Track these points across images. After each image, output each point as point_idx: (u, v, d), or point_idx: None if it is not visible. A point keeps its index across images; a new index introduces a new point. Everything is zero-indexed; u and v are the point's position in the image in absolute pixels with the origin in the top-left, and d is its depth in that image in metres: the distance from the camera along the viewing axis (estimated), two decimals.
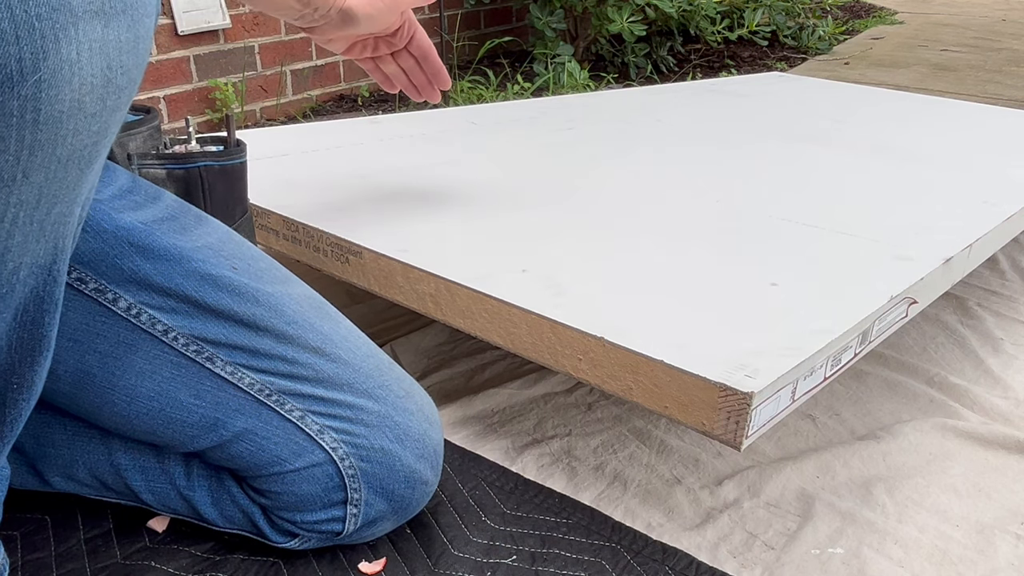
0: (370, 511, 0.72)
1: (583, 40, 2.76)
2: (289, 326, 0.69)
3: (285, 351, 0.68)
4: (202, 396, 0.67)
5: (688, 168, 1.21)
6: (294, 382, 0.68)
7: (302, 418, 0.69)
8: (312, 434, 0.69)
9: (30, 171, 0.41)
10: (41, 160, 0.41)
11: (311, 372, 0.69)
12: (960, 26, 3.84)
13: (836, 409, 1.00)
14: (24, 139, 0.39)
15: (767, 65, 2.99)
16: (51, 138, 0.40)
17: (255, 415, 0.68)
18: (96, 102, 0.41)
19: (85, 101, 0.40)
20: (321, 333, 0.70)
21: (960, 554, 0.77)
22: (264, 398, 0.68)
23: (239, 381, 0.67)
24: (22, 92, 0.37)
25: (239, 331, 0.67)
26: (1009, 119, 1.63)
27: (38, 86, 0.38)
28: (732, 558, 0.76)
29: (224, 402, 0.68)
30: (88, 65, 0.39)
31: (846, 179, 1.18)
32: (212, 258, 0.67)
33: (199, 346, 0.66)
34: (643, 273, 0.84)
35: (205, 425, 0.68)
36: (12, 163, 0.40)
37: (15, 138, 0.39)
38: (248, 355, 0.67)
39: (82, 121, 0.41)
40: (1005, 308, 1.25)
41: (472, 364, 1.08)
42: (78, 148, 0.42)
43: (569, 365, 0.74)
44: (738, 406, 0.63)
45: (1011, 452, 0.91)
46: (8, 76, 0.37)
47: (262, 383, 0.68)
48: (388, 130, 1.36)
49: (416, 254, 0.86)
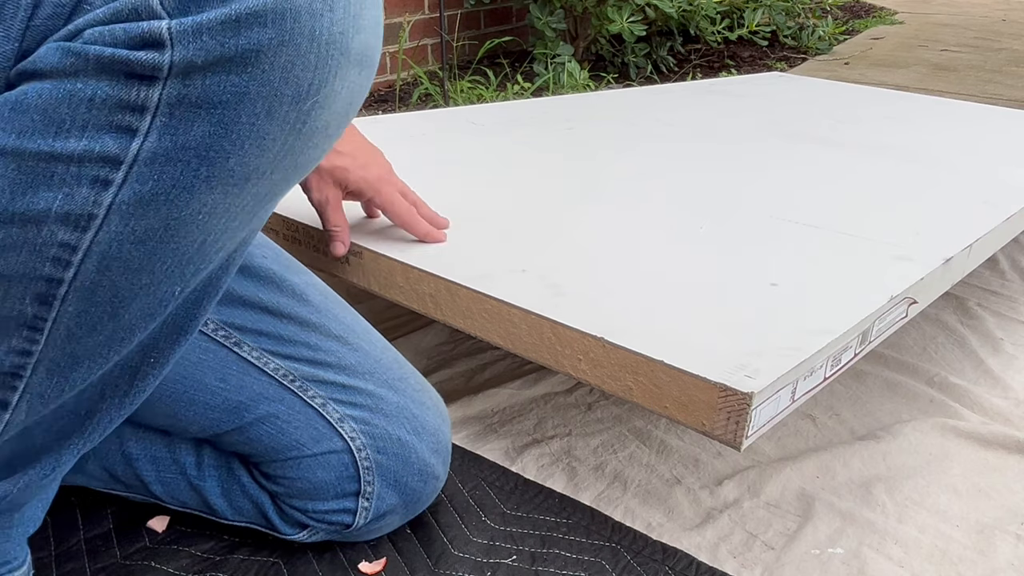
0: (382, 505, 0.73)
1: (583, 40, 2.76)
2: (313, 314, 0.72)
3: (309, 338, 0.71)
4: (227, 380, 0.69)
5: (688, 168, 1.21)
6: (317, 368, 0.71)
7: (324, 405, 0.71)
8: (333, 422, 0.71)
9: (276, 169, 0.48)
10: (287, 163, 0.49)
11: (334, 359, 0.71)
12: (960, 26, 3.84)
13: (836, 409, 1.00)
14: (287, 143, 0.47)
15: (767, 65, 2.99)
16: (302, 147, 0.48)
17: (278, 400, 0.70)
18: (335, 127, 0.50)
19: (331, 124, 0.49)
20: (344, 323, 0.73)
21: (960, 554, 0.77)
22: (288, 383, 0.70)
23: (264, 366, 0.70)
24: (303, 108, 0.46)
25: (266, 318, 0.70)
26: (1009, 119, 1.63)
27: (313, 106, 0.46)
28: (732, 558, 0.76)
29: (249, 386, 0.69)
30: (343, 99, 0.48)
31: (846, 179, 1.18)
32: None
33: (227, 331, 0.69)
34: (643, 273, 0.84)
35: (228, 408, 0.70)
36: (271, 160, 0.47)
37: (282, 141, 0.47)
38: (274, 341, 0.70)
39: (323, 140, 0.49)
40: (1005, 308, 1.25)
41: (472, 364, 1.08)
42: (312, 160, 0.51)
43: (569, 365, 0.74)
44: (738, 406, 0.63)
45: (1011, 452, 0.91)
46: (299, 94, 0.45)
47: (287, 368, 0.70)
48: (388, 130, 1.36)
49: (416, 254, 0.86)
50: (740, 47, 3.19)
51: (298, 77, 0.45)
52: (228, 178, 0.47)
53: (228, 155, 0.46)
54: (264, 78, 0.44)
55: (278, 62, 0.44)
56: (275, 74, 0.44)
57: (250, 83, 0.44)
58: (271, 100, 0.45)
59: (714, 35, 3.01)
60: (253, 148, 0.46)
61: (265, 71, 0.44)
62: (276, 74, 0.44)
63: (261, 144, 0.46)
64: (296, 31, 0.44)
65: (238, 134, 0.45)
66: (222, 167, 0.46)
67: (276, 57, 0.44)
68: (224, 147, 0.45)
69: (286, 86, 0.45)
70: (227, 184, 0.47)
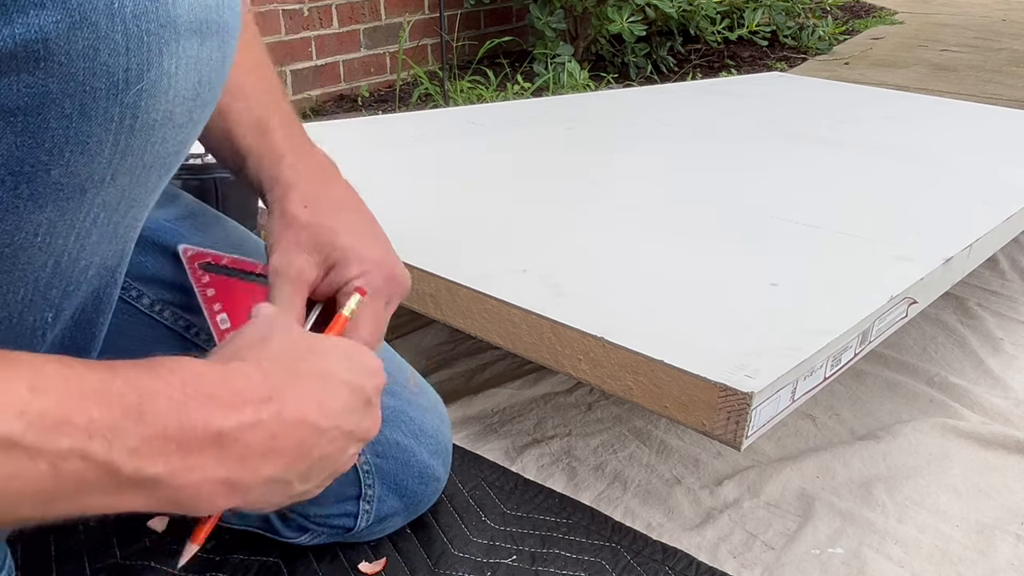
0: (383, 507, 0.72)
1: (583, 40, 2.76)
2: None
3: None
4: None
5: (688, 168, 1.21)
6: None
7: None
8: None
9: (118, 174, 0.42)
10: (130, 165, 0.42)
11: None
12: (960, 26, 3.84)
13: (836, 409, 1.00)
14: (119, 143, 0.41)
15: (767, 65, 2.99)
16: (142, 144, 0.42)
17: None
18: (184, 114, 0.43)
19: (176, 112, 0.42)
20: None
21: (960, 554, 0.77)
22: None
23: None
24: (125, 100, 0.39)
25: None
26: (1009, 119, 1.63)
27: (139, 95, 0.40)
28: (732, 558, 0.76)
29: None
30: (183, 79, 0.41)
31: (846, 179, 1.18)
32: (233, 255, 0.68)
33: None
34: (643, 273, 0.84)
35: None
36: (104, 165, 0.41)
37: (111, 142, 0.40)
38: None
39: (170, 131, 0.43)
40: (1005, 308, 1.25)
41: (472, 364, 1.08)
42: (162, 156, 0.44)
43: (569, 365, 0.74)
44: (738, 406, 0.63)
45: (1011, 452, 0.91)
46: (114, 84, 0.39)
47: None
48: (388, 130, 1.36)
49: (416, 254, 0.86)
50: (740, 47, 3.19)
51: (107, 64, 0.38)
52: (57, 193, 0.41)
53: (47, 167, 0.40)
54: (63, 72, 0.37)
55: (75, 50, 0.37)
56: (76, 65, 0.38)
57: (48, 80, 0.37)
58: (81, 97, 0.38)
59: (714, 35, 3.01)
60: (76, 155, 0.40)
61: (62, 63, 0.37)
62: (77, 65, 0.38)
63: (84, 149, 0.40)
64: (87, 7, 0.37)
65: (52, 141, 0.39)
66: (44, 181, 0.40)
67: (70, 44, 0.37)
68: (39, 159, 0.39)
69: (95, 77, 0.38)
70: (59, 199, 0.41)
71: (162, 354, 0.63)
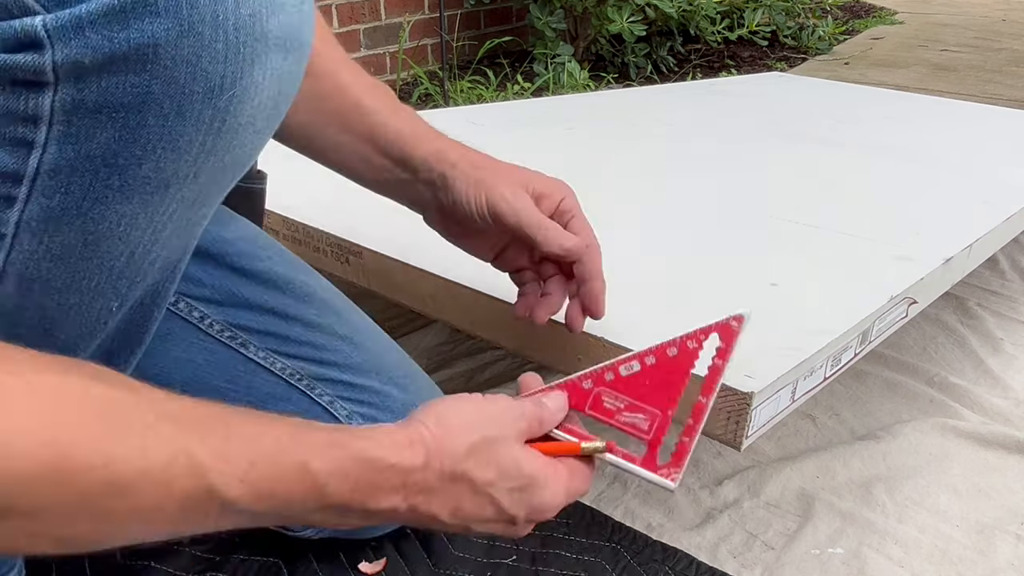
0: None
1: (583, 40, 2.76)
2: (319, 314, 0.71)
3: (315, 337, 0.70)
4: (235, 381, 0.69)
5: (688, 168, 1.21)
6: (324, 367, 0.70)
7: (332, 403, 0.71)
8: (341, 419, 0.71)
9: (200, 172, 0.45)
10: (211, 165, 0.45)
11: (340, 358, 0.71)
12: (960, 26, 3.84)
13: (836, 409, 1.00)
14: (206, 144, 0.43)
15: (767, 65, 2.99)
16: (225, 146, 0.44)
17: (287, 399, 0.70)
18: (264, 120, 0.46)
19: (257, 119, 0.45)
20: (349, 322, 0.73)
21: (960, 554, 0.77)
22: (296, 382, 0.70)
23: (271, 366, 0.69)
24: (218, 104, 0.42)
25: (271, 319, 0.69)
26: (1009, 119, 1.63)
27: (230, 100, 0.42)
28: (732, 558, 0.76)
29: (257, 387, 0.69)
30: (267, 89, 0.44)
31: (846, 179, 1.18)
32: (248, 248, 0.70)
33: (233, 332, 0.68)
34: (643, 273, 0.84)
35: None
36: (190, 163, 0.44)
37: (199, 142, 0.43)
38: (280, 341, 0.70)
39: (250, 136, 0.46)
40: (1005, 308, 1.25)
41: (472, 364, 1.08)
42: (239, 159, 0.47)
43: (569, 365, 0.74)
44: (738, 406, 0.63)
45: (1011, 452, 0.91)
46: (211, 89, 0.41)
47: (294, 368, 0.70)
48: None
49: (416, 254, 0.86)
50: (740, 47, 3.19)
51: (207, 70, 0.41)
52: (144, 186, 0.43)
53: (140, 161, 0.42)
54: (167, 75, 0.40)
55: (180, 56, 0.40)
56: (179, 69, 0.40)
57: (152, 82, 0.40)
58: (180, 99, 0.41)
59: (714, 35, 3.01)
60: (167, 152, 0.43)
61: (167, 67, 0.40)
62: (180, 69, 0.40)
63: (176, 147, 0.43)
64: (195, 18, 0.39)
65: (147, 138, 0.41)
66: (135, 175, 0.43)
67: (177, 50, 0.39)
68: (134, 153, 0.42)
69: (194, 82, 0.41)
70: (144, 192, 0.44)
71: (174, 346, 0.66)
